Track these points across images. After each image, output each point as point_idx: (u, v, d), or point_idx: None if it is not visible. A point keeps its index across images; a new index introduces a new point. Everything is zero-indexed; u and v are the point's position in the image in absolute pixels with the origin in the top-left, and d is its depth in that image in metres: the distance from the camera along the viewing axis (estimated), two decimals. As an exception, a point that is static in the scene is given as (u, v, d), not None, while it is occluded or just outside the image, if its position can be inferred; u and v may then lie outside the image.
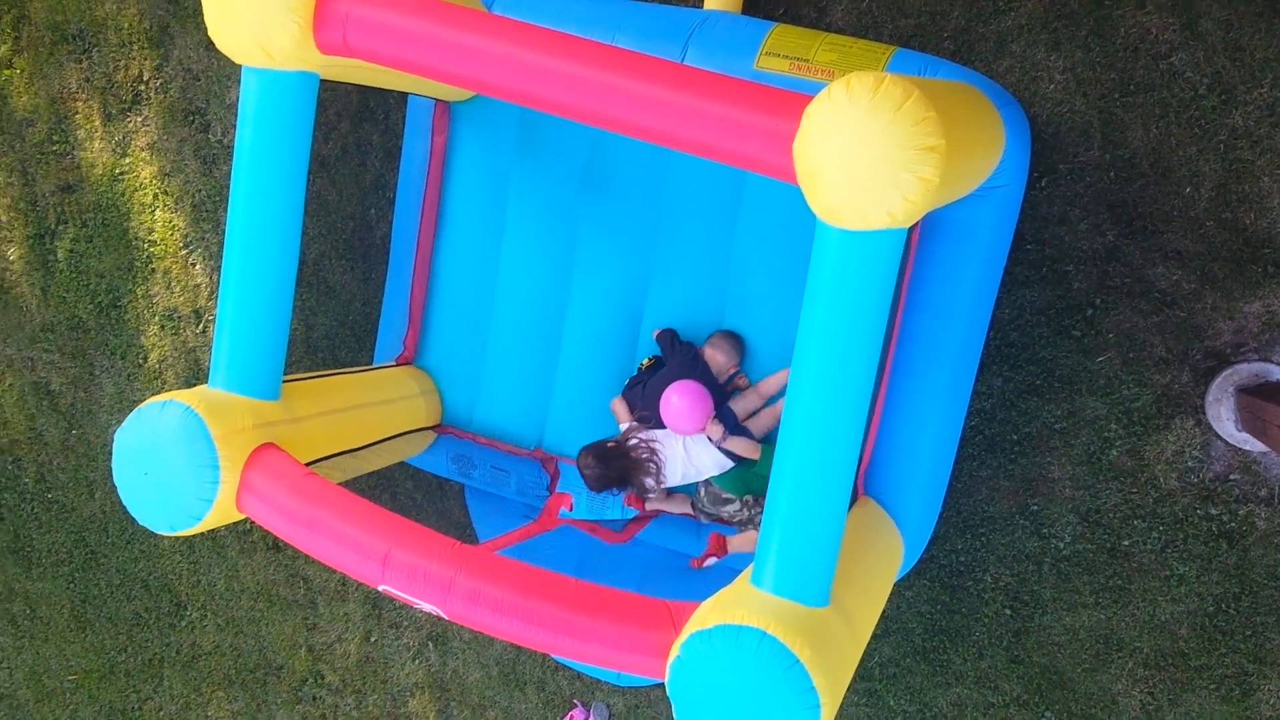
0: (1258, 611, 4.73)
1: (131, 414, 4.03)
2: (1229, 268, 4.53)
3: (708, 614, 3.25)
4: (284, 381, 4.40)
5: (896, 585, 5.16)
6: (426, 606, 3.69)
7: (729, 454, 4.80)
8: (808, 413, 3.26)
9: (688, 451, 4.84)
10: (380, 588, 3.76)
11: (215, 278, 6.29)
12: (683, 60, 4.44)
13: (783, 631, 3.11)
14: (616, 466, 4.79)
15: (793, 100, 3.18)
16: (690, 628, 3.25)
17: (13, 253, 6.78)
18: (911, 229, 4.24)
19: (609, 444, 4.85)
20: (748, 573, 3.47)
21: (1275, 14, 4.32)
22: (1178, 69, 4.48)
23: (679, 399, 4.73)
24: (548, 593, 3.56)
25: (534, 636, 3.55)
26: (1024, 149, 4.42)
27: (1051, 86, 4.64)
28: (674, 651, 3.28)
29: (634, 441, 4.82)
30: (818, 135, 3.03)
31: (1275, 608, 4.71)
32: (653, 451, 4.80)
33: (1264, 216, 4.46)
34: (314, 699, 6.64)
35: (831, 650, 3.22)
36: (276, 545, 6.51)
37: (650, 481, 4.80)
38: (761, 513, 4.47)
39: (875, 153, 2.96)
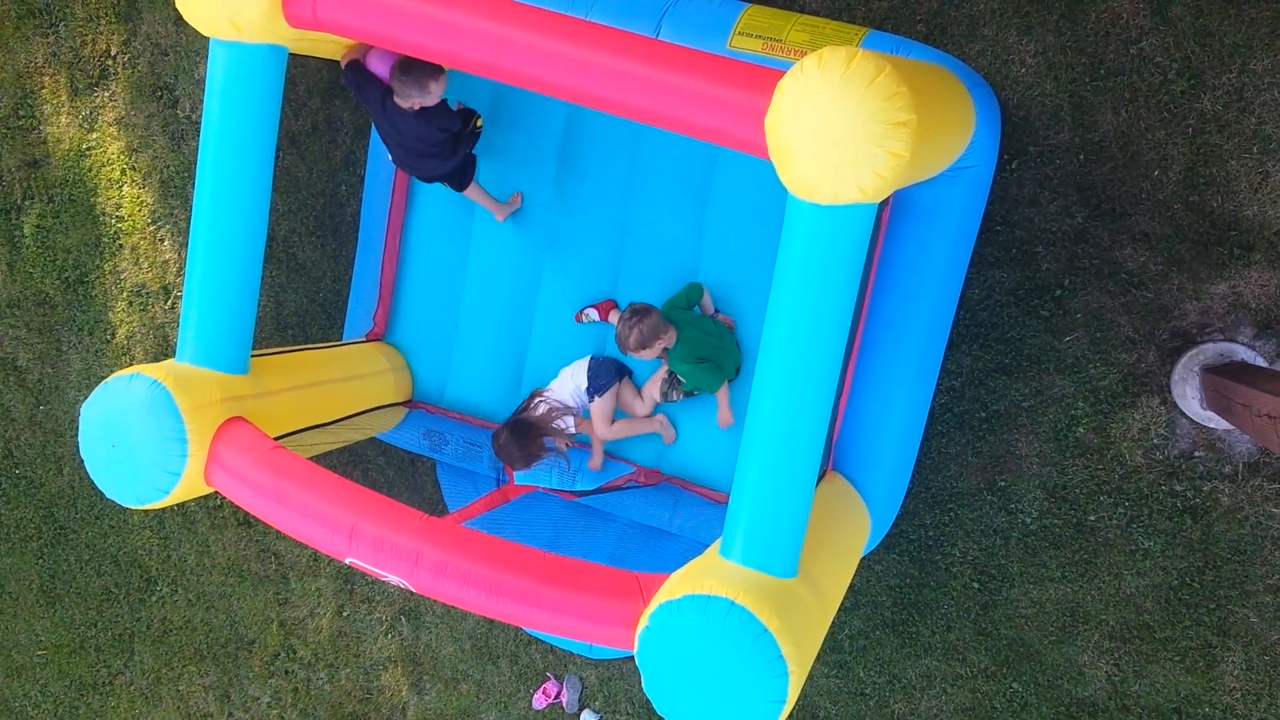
0: (1221, 585, 4.80)
1: (98, 387, 4.00)
2: (1196, 250, 4.58)
3: (677, 584, 3.28)
4: (253, 356, 4.39)
5: (866, 559, 5.21)
6: (394, 579, 3.69)
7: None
8: (777, 386, 3.29)
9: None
10: (347, 560, 3.76)
11: (184, 254, 6.22)
12: (656, 38, 4.43)
13: (751, 601, 3.15)
14: (527, 431, 4.87)
15: (765, 75, 3.19)
16: (659, 598, 3.28)
17: (-21, 227, 6.71)
18: (881, 208, 4.26)
19: (515, 418, 4.97)
20: (716, 544, 3.49)
21: (1244, 0, 4.37)
22: (1148, 54, 4.51)
23: None
24: (515, 565, 3.58)
25: (502, 608, 3.57)
26: (994, 131, 4.45)
27: (1023, 70, 4.67)
28: (643, 621, 3.30)
29: (540, 408, 4.96)
30: (790, 110, 3.04)
31: (1238, 581, 4.78)
32: (548, 404, 4.97)
33: (1231, 200, 4.50)
34: (286, 673, 6.64)
35: (799, 620, 3.25)
36: (247, 521, 6.49)
37: (561, 423, 4.94)
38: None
39: (847, 127, 2.98)
